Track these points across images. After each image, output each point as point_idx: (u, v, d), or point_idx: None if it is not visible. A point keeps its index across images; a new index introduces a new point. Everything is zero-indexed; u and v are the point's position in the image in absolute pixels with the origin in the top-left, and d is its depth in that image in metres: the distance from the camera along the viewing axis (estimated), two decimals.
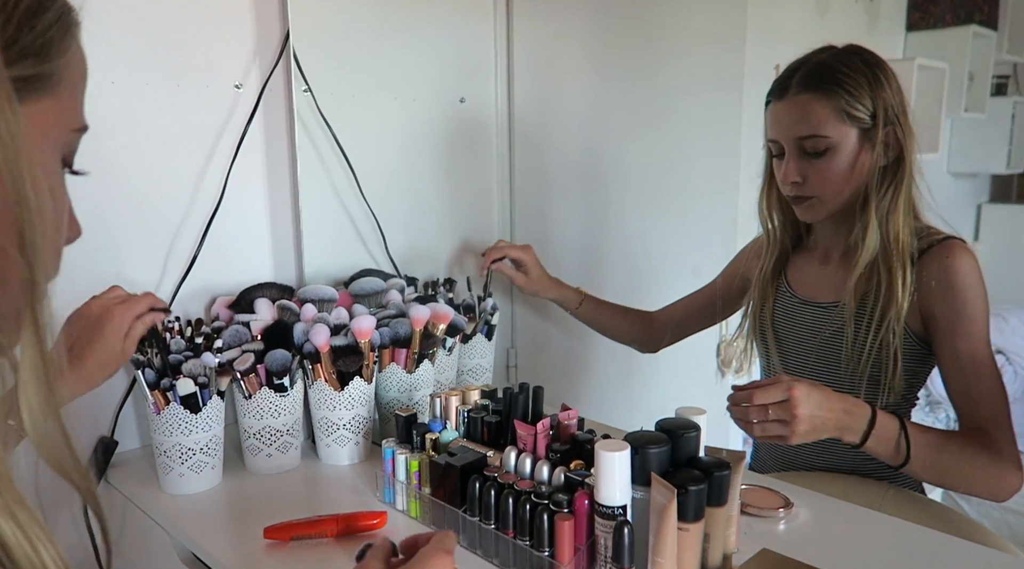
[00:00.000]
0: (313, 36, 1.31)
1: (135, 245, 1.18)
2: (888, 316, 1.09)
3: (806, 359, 1.20)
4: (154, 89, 1.17)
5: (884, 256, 1.10)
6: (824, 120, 1.09)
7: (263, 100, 1.28)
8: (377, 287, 1.30)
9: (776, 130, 1.15)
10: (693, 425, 0.82)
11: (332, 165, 1.38)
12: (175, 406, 1.04)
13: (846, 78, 1.09)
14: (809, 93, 1.10)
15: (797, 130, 1.11)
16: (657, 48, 2.01)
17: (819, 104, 1.09)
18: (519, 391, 1.05)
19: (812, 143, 1.10)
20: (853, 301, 1.12)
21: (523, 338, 1.74)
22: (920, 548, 0.91)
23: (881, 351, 1.10)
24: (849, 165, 1.11)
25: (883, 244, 1.10)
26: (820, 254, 1.24)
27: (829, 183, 1.12)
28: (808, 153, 1.11)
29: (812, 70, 1.11)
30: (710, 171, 2.23)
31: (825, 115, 1.09)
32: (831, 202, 1.13)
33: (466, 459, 0.94)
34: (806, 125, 1.10)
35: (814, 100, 1.09)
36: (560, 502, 0.80)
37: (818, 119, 1.09)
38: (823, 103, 1.09)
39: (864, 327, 1.11)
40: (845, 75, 1.09)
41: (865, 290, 1.12)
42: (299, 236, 1.35)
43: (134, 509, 1.08)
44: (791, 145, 1.12)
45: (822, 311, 1.19)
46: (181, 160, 1.23)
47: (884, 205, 1.10)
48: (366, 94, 1.42)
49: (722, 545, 0.81)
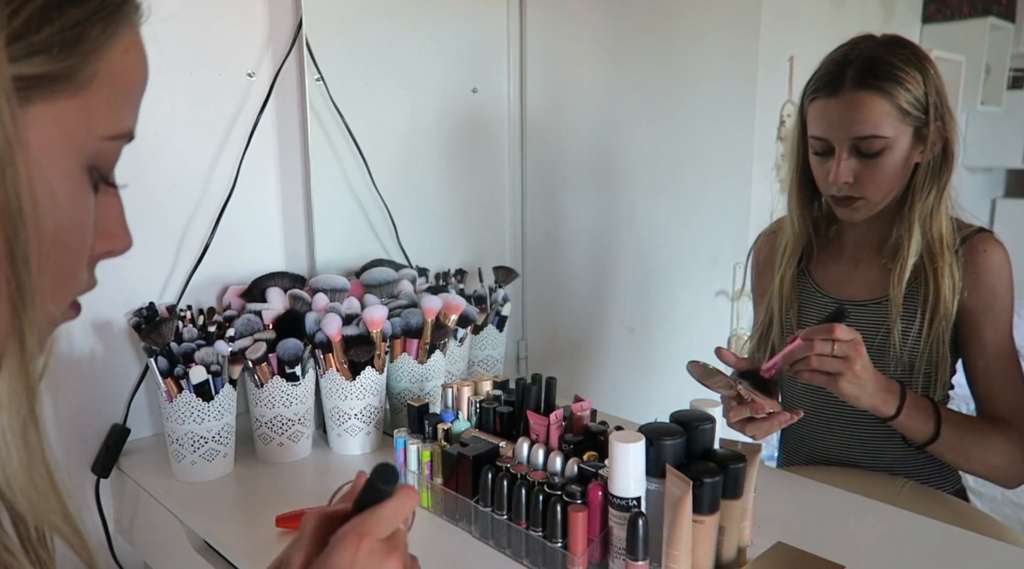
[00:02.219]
0: (326, 25, 1.31)
1: (147, 234, 1.18)
2: (939, 313, 1.08)
3: None
4: (166, 77, 1.17)
5: (929, 254, 1.09)
6: (884, 120, 1.05)
7: (275, 89, 1.28)
8: (389, 277, 1.30)
9: (827, 129, 1.08)
10: (708, 417, 0.81)
11: (344, 154, 1.37)
12: (187, 394, 1.04)
13: (903, 74, 1.05)
14: (868, 91, 1.04)
15: (854, 130, 1.05)
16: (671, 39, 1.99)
17: (879, 103, 1.04)
18: (532, 382, 1.05)
19: (869, 144, 1.05)
20: (900, 298, 1.10)
21: (534, 330, 1.73)
22: (936, 543, 0.91)
23: (933, 347, 1.10)
24: (902, 164, 1.08)
25: (927, 242, 1.09)
26: (850, 251, 1.20)
27: (882, 184, 1.08)
28: (862, 153, 1.07)
29: (867, 66, 1.06)
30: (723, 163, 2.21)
31: (885, 114, 1.04)
32: (880, 203, 1.10)
33: (478, 449, 0.93)
34: (864, 125, 1.05)
35: (874, 99, 1.04)
36: (573, 493, 0.80)
37: (877, 119, 1.04)
38: (883, 102, 1.04)
39: (916, 324, 1.10)
40: (901, 71, 1.05)
41: (910, 286, 1.10)
42: (311, 225, 1.34)
43: (146, 497, 1.08)
44: (845, 145, 1.07)
45: (860, 309, 1.16)
46: (193, 149, 1.22)
47: (928, 203, 1.08)
48: (378, 83, 1.42)
49: (736, 538, 0.81)
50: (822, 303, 1.20)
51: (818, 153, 1.12)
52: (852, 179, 1.08)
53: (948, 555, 0.88)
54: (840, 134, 1.07)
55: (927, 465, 1.16)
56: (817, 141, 1.11)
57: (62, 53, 0.37)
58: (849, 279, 1.19)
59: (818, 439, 1.22)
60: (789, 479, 1.10)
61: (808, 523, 0.94)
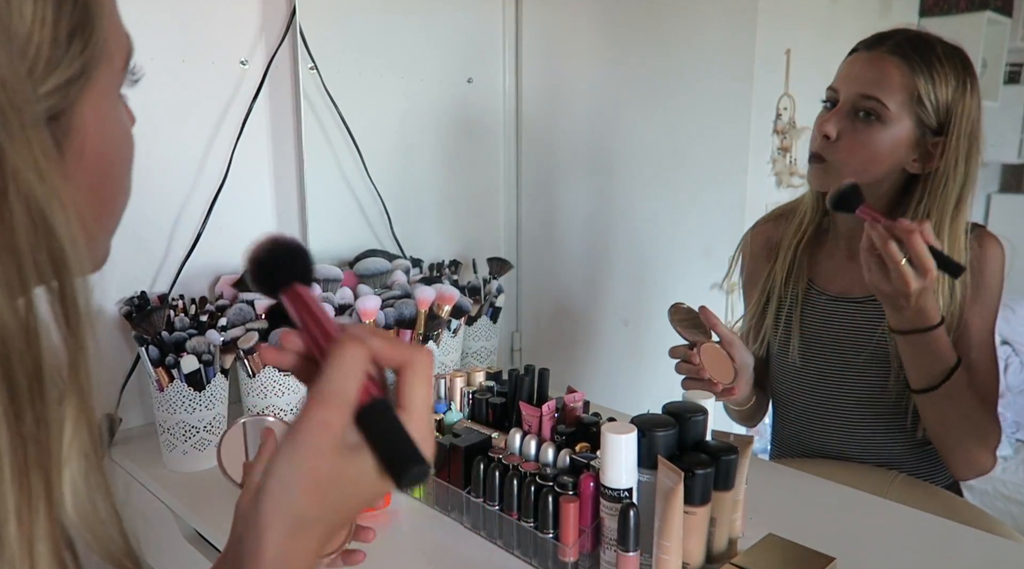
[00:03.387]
0: (320, 13, 1.30)
1: (139, 222, 1.18)
2: (950, 310, 1.07)
3: (845, 355, 1.15)
4: (158, 64, 1.16)
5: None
6: (894, 90, 1.03)
7: (268, 77, 1.27)
8: (382, 268, 1.29)
9: (842, 79, 1.08)
10: (700, 409, 0.81)
11: (338, 144, 1.37)
12: (179, 384, 1.04)
13: (939, 66, 1.03)
14: (897, 58, 1.04)
15: (862, 86, 1.05)
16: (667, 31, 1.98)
17: (899, 73, 1.03)
18: (525, 373, 1.05)
19: (869, 105, 1.04)
20: None
21: (528, 322, 1.73)
22: (925, 534, 0.91)
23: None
24: (887, 150, 1.05)
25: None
26: (844, 246, 1.19)
27: (856, 153, 1.05)
28: (858, 115, 1.05)
29: (912, 39, 1.05)
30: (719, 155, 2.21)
31: (898, 85, 1.03)
32: (845, 176, 1.05)
33: (471, 440, 0.93)
34: (874, 85, 1.04)
35: (897, 67, 1.03)
36: (565, 484, 0.80)
37: (888, 84, 1.03)
38: (904, 73, 1.03)
39: None
40: (939, 63, 1.04)
41: None
42: (304, 215, 1.34)
43: (138, 486, 1.08)
44: (848, 98, 1.06)
45: (858, 306, 1.15)
46: (185, 137, 1.21)
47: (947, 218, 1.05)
48: (373, 73, 1.41)
49: (728, 529, 0.81)
50: (818, 299, 1.20)
51: (826, 106, 1.11)
52: (834, 134, 1.06)
53: (938, 547, 0.88)
54: (850, 86, 1.06)
55: (921, 459, 1.16)
56: (830, 91, 1.10)
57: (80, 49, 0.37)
58: (845, 275, 1.18)
59: (812, 433, 1.21)
60: (781, 471, 1.10)
61: (799, 515, 0.94)
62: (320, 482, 0.41)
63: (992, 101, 3.17)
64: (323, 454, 0.41)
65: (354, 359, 0.42)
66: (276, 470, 0.41)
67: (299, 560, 0.42)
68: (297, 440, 0.41)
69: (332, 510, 0.42)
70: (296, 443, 0.41)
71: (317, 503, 0.41)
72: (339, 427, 0.41)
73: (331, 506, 0.42)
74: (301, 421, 0.41)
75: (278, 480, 0.41)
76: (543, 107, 1.69)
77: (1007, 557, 0.87)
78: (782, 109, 2.40)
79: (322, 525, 0.42)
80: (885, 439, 1.15)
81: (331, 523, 0.42)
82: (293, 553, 0.41)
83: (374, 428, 0.41)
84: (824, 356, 1.18)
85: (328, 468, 0.41)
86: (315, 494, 0.41)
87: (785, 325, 1.21)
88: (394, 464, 0.41)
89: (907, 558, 0.86)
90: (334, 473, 0.41)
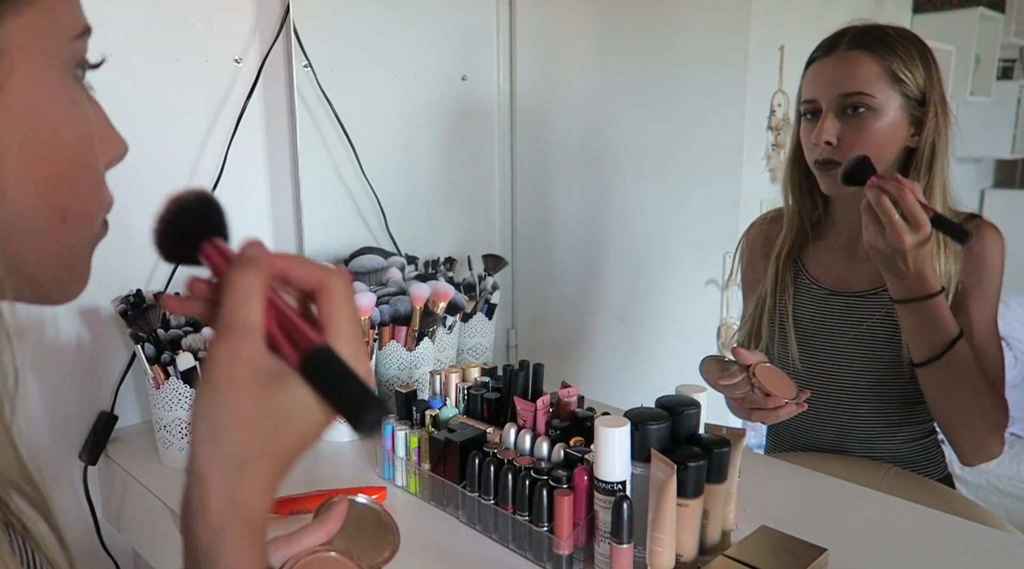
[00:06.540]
0: (314, 11, 1.30)
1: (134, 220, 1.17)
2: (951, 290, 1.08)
3: (845, 350, 1.16)
4: (152, 63, 1.16)
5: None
6: (872, 79, 1.05)
7: (263, 75, 1.27)
8: (377, 265, 1.30)
9: (816, 88, 1.09)
10: (693, 402, 0.82)
11: (332, 142, 1.37)
12: (175, 381, 1.04)
13: (899, 45, 1.06)
14: (860, 51, 1.06)
15: (840, 87, 1.06)
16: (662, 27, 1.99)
17: (869, 62, 1.05)
18: (519, 368, 1.05)
19: (855, 100, 1.05)
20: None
21: (524, 318, 1.74)
22: (919, 527, 0.91)
23: None
24: (889, 134, 1.07)
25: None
26: (843, 242, 1.19)
27: (865, 146, 1.05)
28: (847, 114, 1.06)
29: (864, 31, 1.08)
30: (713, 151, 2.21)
31: (874, 74, 1.05)
32: None
33: (466, 435, 0.94)
34: (852, 81, 1.05)
35: (864, 57, 1.06)
36: (559, 478, 0.80)
37: (865, 76, 1.05)
38: (874, 61, 1.05)
39: None
40: (898, 42, 1.07)
41: None
42: (299, 213, 1.34)
43: (134, 483, 1.08)
44: (831, 103, 1.07)
45: (859, 300, 1.16)
46: (179, 135, 1.22)
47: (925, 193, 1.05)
48: (367, 70, 1.41)
49: (721, 521, 0.82)
50: (816, 295, 1.20)
51: (807, 118, 1.12)
52: (835, 140, 1.07)
53: (931, 539, 0.89)
54: (828, 91, 1.08)
55: (915, 453, 1.17)
56: (807, 104, 1.11)
57: None
58: (845, 270, 1.19)
59: (809, 427, 1.22)
60: (774, 464, 1.11)
61: (792, 507, 0.95)
62: (248, 416, 0.39)
63: (985, 96, 3.18)
64: (243, 387, 0.38)
65: (247, 284, 0.39)
66: (200, 413, 0.39)
67: (249, 504, 0.40)
68: (211, 380, 0.39)
69: (270, 444, 0.39)
70: (211, 382, 0.39)
71: (251, 439, 0.39)
72: (249, 356, 0.39)
73: (267, 439, 0.39)
74: (209, 359, 0.39)
75: (206, 423, 0.39)
76: (537, 104, 1.70)
77: (999, 548, 0.87)
78: (776, 105, 2.41)
79: (264, 462, 0.40)
80: (881, 433, 1.16)
81: (274, 460, 0.40)
82: (241, 497, 0.39)
83: (321, 378, 0.40)
84: (823, 351, 1.18)
85: (251, 401, 0.39)
86: (246, 430, 0.39)
87: (782, 320, 1.22)
88: (349, 412, 0.39)
89: (899, 549, 0.86)
90: (261, 405, 0.39)
